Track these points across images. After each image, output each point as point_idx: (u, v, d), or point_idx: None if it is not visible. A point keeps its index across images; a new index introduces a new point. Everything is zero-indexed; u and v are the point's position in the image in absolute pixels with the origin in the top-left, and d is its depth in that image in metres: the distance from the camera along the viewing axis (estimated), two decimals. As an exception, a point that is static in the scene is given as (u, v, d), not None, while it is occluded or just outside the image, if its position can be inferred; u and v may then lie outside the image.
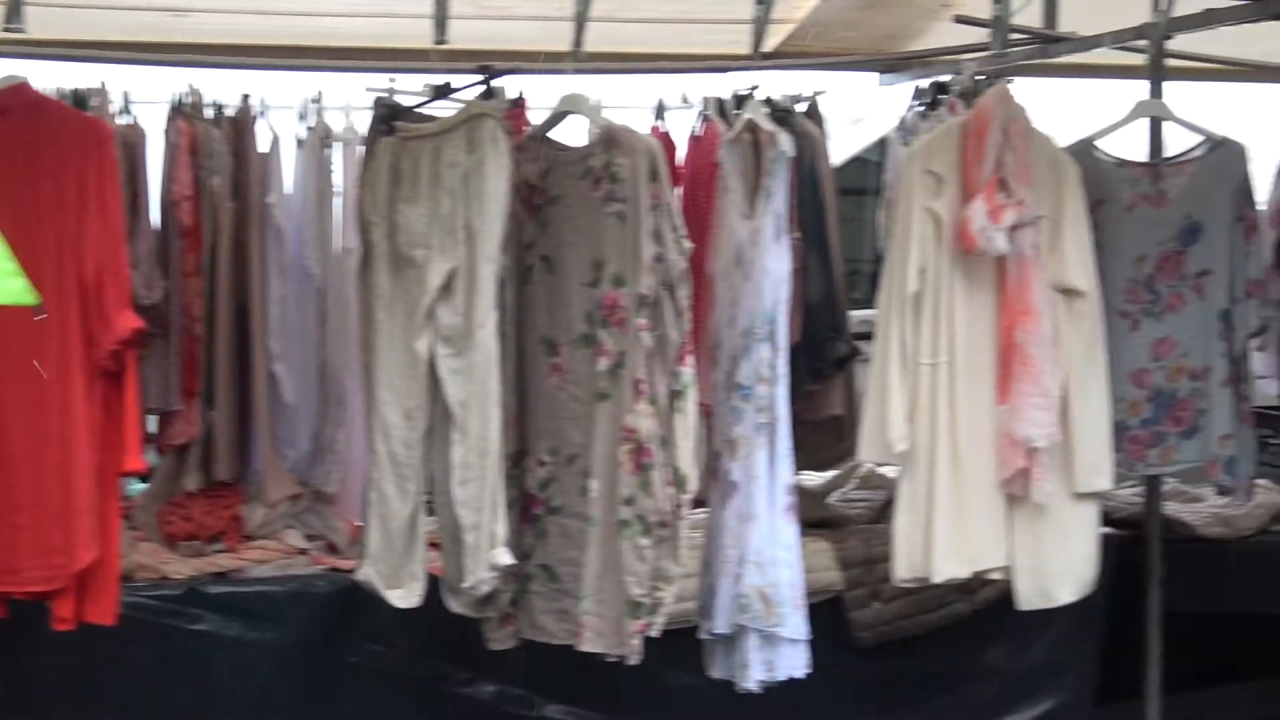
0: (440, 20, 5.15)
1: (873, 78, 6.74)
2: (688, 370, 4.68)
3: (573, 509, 4.82)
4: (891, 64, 6.62)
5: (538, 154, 4.88)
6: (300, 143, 5.62)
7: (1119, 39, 5.65)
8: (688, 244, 4.68)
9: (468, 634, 4.97)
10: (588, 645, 4.77)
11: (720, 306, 4.94)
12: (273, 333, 5.47)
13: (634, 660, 4.73)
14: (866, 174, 7.50)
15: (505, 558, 4.63)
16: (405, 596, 4.84)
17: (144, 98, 5.55)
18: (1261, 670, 6.59)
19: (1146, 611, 5.69)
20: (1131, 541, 5.81)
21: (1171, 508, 6.10)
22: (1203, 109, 5.66)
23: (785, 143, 4.84)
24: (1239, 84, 7.05)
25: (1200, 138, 5.39)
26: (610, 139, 4.75)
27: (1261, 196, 5.45)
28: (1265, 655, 6.40)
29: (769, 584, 4.78)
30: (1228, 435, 5.32)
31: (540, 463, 4.88)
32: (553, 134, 4.97)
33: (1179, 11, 5.42)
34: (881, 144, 6.60)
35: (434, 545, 4.90)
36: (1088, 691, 5.98)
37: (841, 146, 6.55)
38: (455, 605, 4.86)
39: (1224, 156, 5.33)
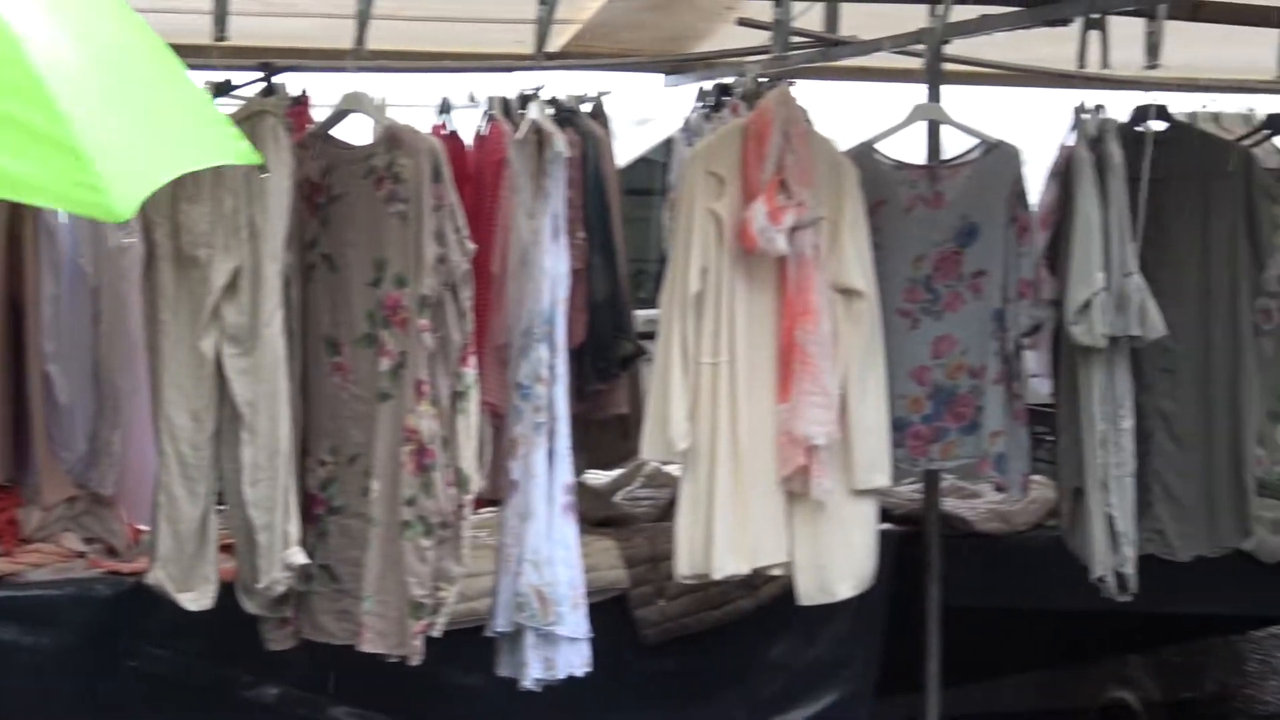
0: (220, 17, 5.08)
1: (658, 79, 6.78)
2: (470, 371, 4.69)
3: (354, 509, 4.80)
4: (676, 65, 6.67)
5: (320, 152, 4.86)
6: (77, 139, 5.51)
7: (898, 43, 5.75)
8: (470, 245, 4.69)
9: (251, 636, 4.92)
10: (369, 646, 4.76)
11: (511, 306, 4.95)
12: (46, 333, 5.36)
13: (416, 661, 4.73)
14: (652, 174, 7.55)
15: (300, 557, 4.63)
16: (197, 599, 4.79)
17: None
18: (1038, 662, 6.74)
19: (926, 606, 5.77)
20: (911, 537, 5.88)
21: (950, 503, 6.18)
22: (979, 112, 5.76)
23: (560, 143, 4.87)
24: (1014, 88, 7.21)
25: (976, 140, 5.48)
26: (393, 138, 4.74)
27: (1034, 198, 5.55)
28: (1041, 648, 6.54)
29: (546, 582, 4.80)
30: (998, 432, 5.42)
31: (321, 462, 4.85)
32: (336, 132, 4.94)
33: (955, 17, 5.51)
34: (667, 144, 6.65)
35: (224, 548, 4.86)
36: (869, 684, 6.05)
37: (627, 147, 6.58)
38: (250, 606, 4.82)
39: (998, 159, 5.43)
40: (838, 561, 5.20)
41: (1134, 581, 5.43)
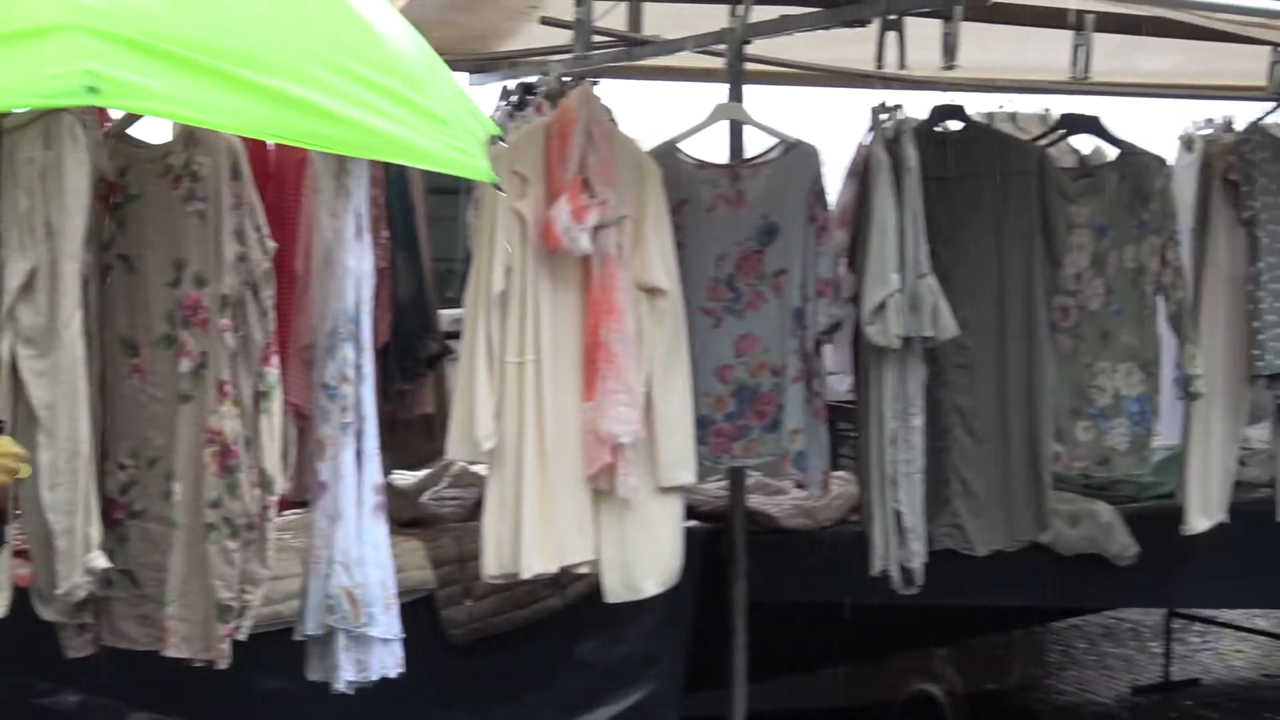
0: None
1: (462, 77, 6.77)
2: (273, 371, 4.65)
3: (155, 512, 4.74)
4: (480, 64, 6.67)
5: (116, 151, 4.78)
6: None
7: (700, 43, 5.79)
8: (271, 243, 4.65)
9: (49, 644, 4.83)
10: (173, 650, 4.70)
11: (316, 306, 4.91)
12: None
13: (223, 664, 4.68)
14: (457, 173, 7.51)
15: (101, 561, 4.54)
16: (-9, 608, 4.69)
17: None
18: (844, 657, 6.81)
19: (732, 602, 5.82)
20: (716, 534, 5.93)
21: (755, 500, 6.23)
22: (783, 112, 5.82)
23: (364, 142, 4.83)
24: (814, 88, 7.29)
25: (776, 140, 5.53)
26: (191, 137, 4.68)
27: (833, 198, 5.61)
28: (847, 642, 6.61)
29: (357, 584, 4.76)
30: (797, 430, 5.47)
31: (120, 466, 4.78)
32: (134, 131, 4.88)
33: (757, 17, 5.56)
34: (473, 144, 6.62)
35: (17, 553, 4.76)
36: (677, 681, 6.07)
37: (432, 146, 6.53)
38: (47, 613, 4.73)
39: (797, 159, 5.48)
40: (644, 559, 5.23)
41: (920, 575, 5.52)
